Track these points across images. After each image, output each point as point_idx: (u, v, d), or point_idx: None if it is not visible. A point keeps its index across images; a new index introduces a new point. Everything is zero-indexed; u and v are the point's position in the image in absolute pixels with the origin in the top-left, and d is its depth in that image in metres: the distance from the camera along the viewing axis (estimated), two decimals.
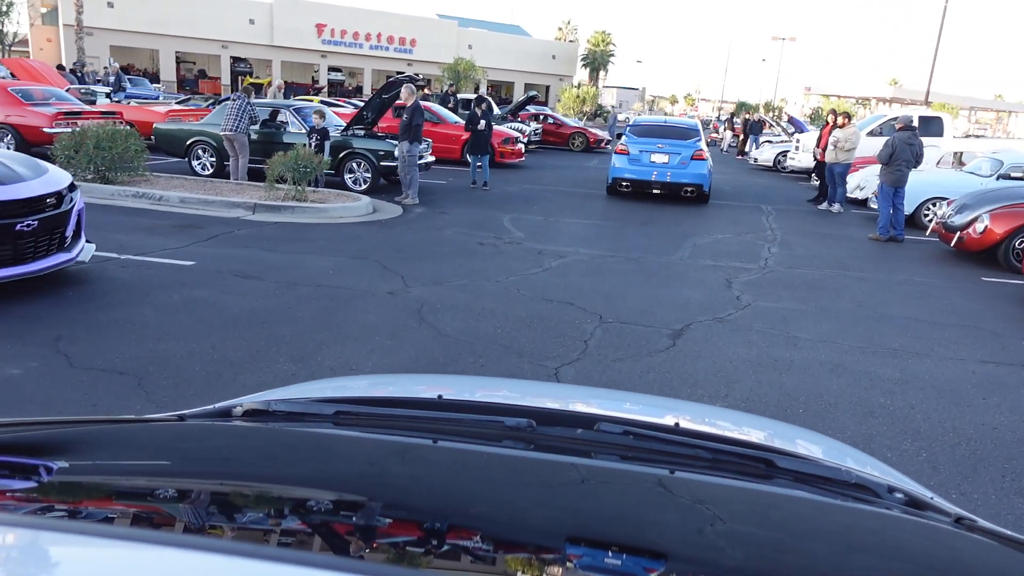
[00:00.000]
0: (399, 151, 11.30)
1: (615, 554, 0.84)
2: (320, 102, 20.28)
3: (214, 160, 12.61)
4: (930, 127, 17.00)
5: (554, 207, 11.93)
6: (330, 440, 1.26)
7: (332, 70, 45.16)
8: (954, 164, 15.04)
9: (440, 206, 11.25)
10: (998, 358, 5.48)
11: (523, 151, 18.59)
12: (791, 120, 27.80)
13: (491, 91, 46.07)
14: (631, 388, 4.49)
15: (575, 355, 5.03)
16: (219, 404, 1.40)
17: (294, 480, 1.05)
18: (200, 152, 12.70)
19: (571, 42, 58.84)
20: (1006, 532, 1.12)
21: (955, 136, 20.25)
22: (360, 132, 12.45)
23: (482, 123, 13.43)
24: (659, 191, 13.40)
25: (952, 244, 9.42)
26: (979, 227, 9.02)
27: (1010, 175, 11.74)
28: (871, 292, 7.40)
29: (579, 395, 2.18)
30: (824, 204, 13.70)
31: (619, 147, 13.81)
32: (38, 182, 5.71)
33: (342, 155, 12.04)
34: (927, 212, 11.84)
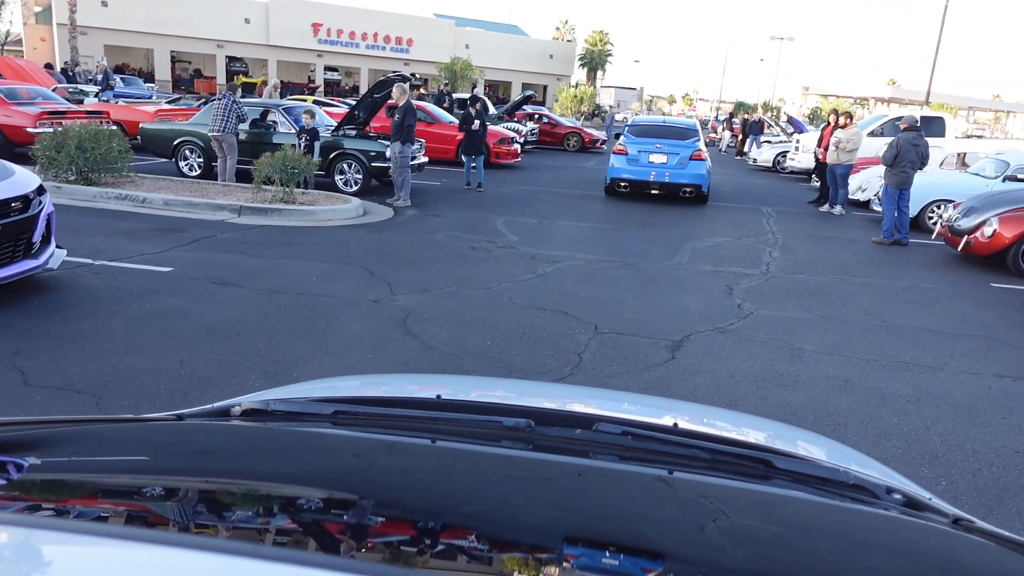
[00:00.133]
0: (391, 152, 11.00)
1: (613, 554, 0.83)
2: (313, 102, 19.98)
3: (201, 161, 12.30)
4: (931, 127, 16.68)
5: (549, 209, 11.63)
6: (329, 440, 1.25)
7: (328, 70, 44.92)
8: (957, 165, 14.74)
9: (433, 208, 10.95)
10: (1014, 372, 5.20)
11: (519, 151, 18.28)
12: (790, 120, 27.42)
13: (488, 91, 45.79)
14: None
15: (568, 369, 4.74)
16: (217, 404, 1.40)
17: (293, 480, 1.04)
18: (187, 153, 12.38)
19: (569, 42, 58.55)
20: (1004, 533, 1.10)
21: (957, 136, 19.96)
22: (351, 132, 12.15)
23: (476, 123, 13.12)
24: (657, 191, 13.23)
25: (959, 248, 9.13)
26: (987, 231, 8.74)
27: (1016, 176, 11.41)
28: (877, 299, 7.11)
29: (578, 395, 2.15)
30: (825, 206, 13.42)
31: (617, 147, 13.59)
32: (3, 185, 5.41)
33: (333, 156, 11.72)
34: (931, 215, 11.57)
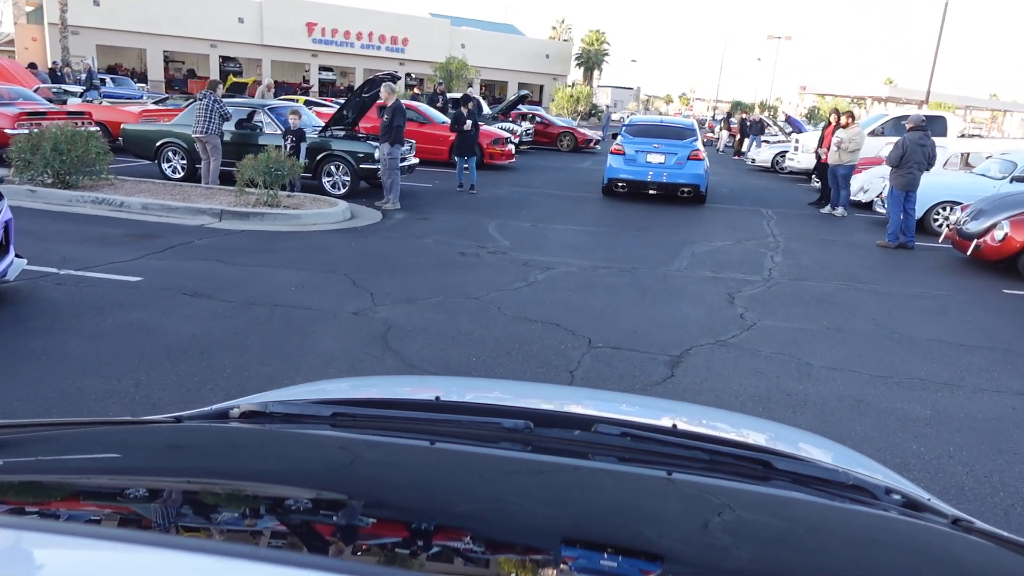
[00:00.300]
0: (380, 153, 10.64)
1: (611, 556, 0.83)
2: (304, 102, 19.63)
3: (185, 163, 11.92)
4: (933, 127, 16.22)
5: (543, 212, 11.28)
6: (327, 442, 1.25)
7: (323, 70, 44.49)
8: (961, 165, 14.41)
9: (423, 211, 10.60)
10: None
11: (513, 152, 17.91)
12: (789, 120, 27.08)
13: (484, 91, 45.43)
14: None
15: None
16: (216, 406, 1.38)
17: (292, 482, 1.03)
18: (171, 155, 12.00)
19: (565, 41, 58.21)
20: (1003, 533, 1.09)
21: (958, 136, 19.63)
22: (339, 133, 11.79)
23: (468, 123, 12.77)
24: (655, 192, 12.94)
25: (968, 253, 8.79)
26: (998, 235, 8.40)
27: None
28: (886, 308, 6.77)
29: (577, 397, 2.13)
30: (827, 208, 13.08)
31: (615, 147, 13.30)
32: None
33: (320, 157, 11.35)
34: (936, 217, 11.24)
